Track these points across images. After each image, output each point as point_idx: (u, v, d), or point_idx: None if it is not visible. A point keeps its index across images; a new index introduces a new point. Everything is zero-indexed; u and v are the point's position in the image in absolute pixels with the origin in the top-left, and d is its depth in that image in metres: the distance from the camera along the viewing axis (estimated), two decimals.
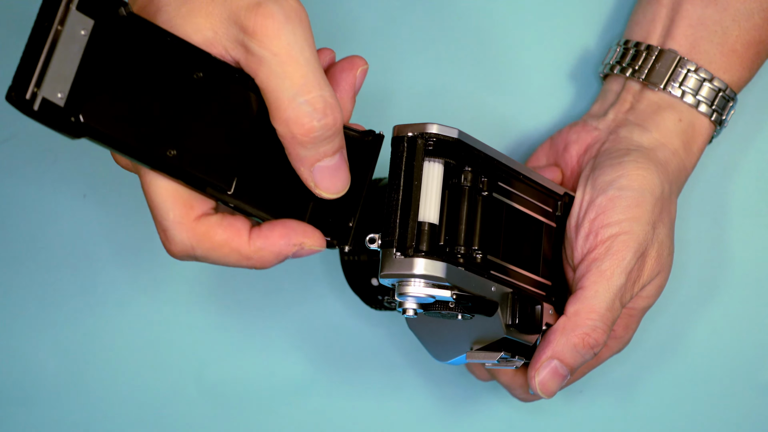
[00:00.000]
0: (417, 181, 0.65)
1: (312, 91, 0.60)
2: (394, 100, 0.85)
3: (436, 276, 0.64)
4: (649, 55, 0.77)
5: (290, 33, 0.60)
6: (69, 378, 0.86)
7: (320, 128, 0.61)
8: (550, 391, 0.70)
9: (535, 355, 0.71)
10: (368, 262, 0.75)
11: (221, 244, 0.63)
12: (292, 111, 0.61)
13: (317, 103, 0.60)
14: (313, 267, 0.85)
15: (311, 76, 0.60)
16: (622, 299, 0.71)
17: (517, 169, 0.71)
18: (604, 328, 0.70)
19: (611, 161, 0.74)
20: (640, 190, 0.72)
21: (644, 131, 0.76)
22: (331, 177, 0.63)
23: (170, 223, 0.62)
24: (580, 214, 0.73)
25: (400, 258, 0.64)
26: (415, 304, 0.66)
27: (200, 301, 0.86)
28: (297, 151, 0.62)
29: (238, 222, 0.63)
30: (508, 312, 0.68)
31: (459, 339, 0.71)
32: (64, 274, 0.86)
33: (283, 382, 0.85)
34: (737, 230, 0.83)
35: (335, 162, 0.63)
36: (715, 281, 0.83)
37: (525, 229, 0.72)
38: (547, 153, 0.80)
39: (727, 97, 0.76)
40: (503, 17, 0.85)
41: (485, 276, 0.67)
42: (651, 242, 0.72)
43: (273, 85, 0.60)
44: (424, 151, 0.66)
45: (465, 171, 0.67)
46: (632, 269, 0.71)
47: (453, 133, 0.66)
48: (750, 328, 0.83)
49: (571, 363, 0.70)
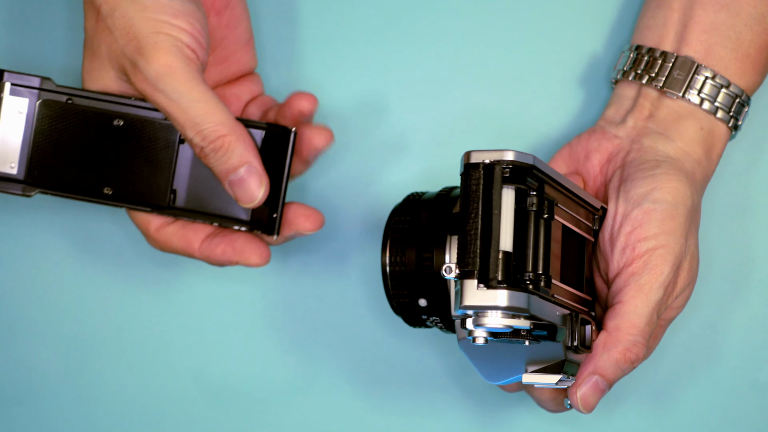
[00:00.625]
0: (497, 210, 0.65)
1: (195, 127, 0.73)
2: (401, 105, 0.85)
3: (520, 308, 0.64)
4: (666, 62, 0.77)
5: (163, 90, 0.72)
6: (69, 378, 0.86)
7: (210, 151, 0.74)
8: (590, 405, 0.70)
9: (579, 371, 0.71)
10: (415, 281, 0.74)
11: (178, 250, 0.78)
12: (189, 143, 0.74)
13: (202, 133, 0.73)
14: (313, 267, 0.85)
15: (191, 116, 0.73)
16: (659, 312, 0.71)
17: (569, 187, 0.70)
18: (644, 342, 0.70)
19: (643, 173, 0.74)
20: (673, 203, 0.72)
21: (668, 141, 0.76)
22: (240, 189, 0.75)
23: (141, 233, 0.79)
24: (615, 227, 0.73)
25: (482, 290, 0.64)
26: (486, 333, 0.66)
27: (200, 301, 0.86)
28: (212, 169, 0.75)
29: (191, 232, 0.78)
30: (569, 334, 0.68)
31: (515, 361, 0.70)
32: (64, 274, 0.85)
33: (283, 382, 0.85)
34: (757, 233, 0.83)
35: (240, 175, 0.75)
36: (711, 279, 0.83)
37: (575, 248, 0.72)
38: (567, 161, 0.79)
39: (743, 102, 0.77)
40: (509, 22, 0.85)
41: (552, 301, 0.67)
42: (684, 254, 0.72)
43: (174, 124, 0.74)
44: (502, 179, 0.65)
45: (531, 195, 0.67)
46: (669, 283, 0.71)
47: (529, 159, 0.66)
48: (746, 326, 0.84)
49: (612, 378, 0.70)
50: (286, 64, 0.85)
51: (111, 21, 0.73)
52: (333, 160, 0.85)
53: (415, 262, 0.73)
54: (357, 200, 0.85)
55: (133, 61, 0.73)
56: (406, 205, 0.76)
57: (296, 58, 0.85)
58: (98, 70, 0.75)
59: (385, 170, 0.85)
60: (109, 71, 0.75)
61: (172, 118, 0.73)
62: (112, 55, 0.74)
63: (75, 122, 0.75)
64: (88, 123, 0.75)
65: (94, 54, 0.75)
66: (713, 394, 0.84)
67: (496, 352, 0.71)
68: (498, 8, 0.85)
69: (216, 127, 0.73)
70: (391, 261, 0.74)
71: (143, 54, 0.72)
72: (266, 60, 0.85)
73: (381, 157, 0.85)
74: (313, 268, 0.85)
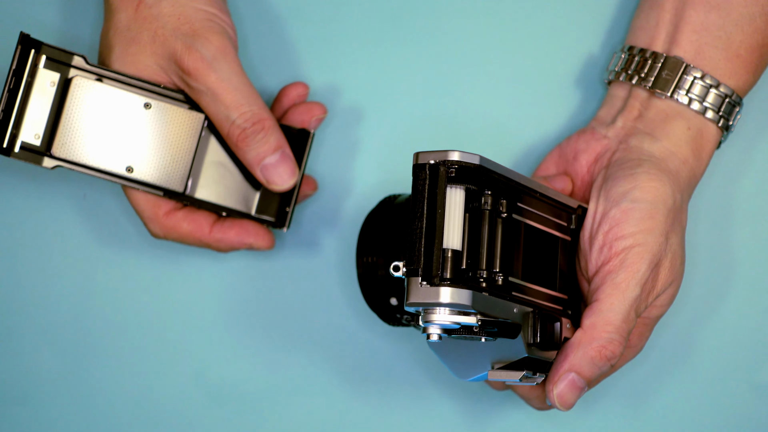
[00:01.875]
0: (441, 209, 0.66)
1: (240, 108, 0.77)
2: (396, 108, 0.85)
3: (463, 304, 0.65)
4: (655, 62, 0.77)
5: (217, 69, 0.76)
6: (69, 378, 0.86)
7: (251, 133, 0.77)
8: (568, 403, 0.71)
9: (553, 369, 0.71)
10: (386, 281, 0.76)
11: (186, 235, 0.80)
12: (229, 126, 0.77)
13: (245, 115, 0.77)
14: (312, 267, 0.85)
15: (238, 98, 0.76)
16: (637, 310, 0.71)
17: (534, 188, 0.71)
18: (620, 340, 0.70)
19: (623, 172, 0.74)
20: (653, 202, 0.72)
21: (654, 140, 0.76)
22: (275, 172, 0.78)
23: (144, 219, 0.80)
24: (594, 226, 0.73)
25: (426, 287, 0.65)
26: (439, 329, 0.66)
27: (200, 301, 0.86)
28: (243, 156, 0.78)
29: (201, 216, 0.80)
30: (530, 331, 0.69)
31: (480, 358, 0.71)
32: (65, 274, 0.86)
33: (282, 382, 0.85)
34: (744, 235, 0.83)
35: (276, 158, 0.78)
36: (710, 280, 0.83)
37: (542, 246, 0.72)
38: (557, 162, 0.80)
39: (734, 103, 0.77)
40: (506, 23, 0.85)
41: (507, 298, 0.68)
42: (665, 253, 0.72)
43: (212, 110, 0.77)
44: (446, 178, 0.66)
45: (485, 194, 0.67)
46: (647, 281, 0.71)
47: (475, 159, 0.66)
48: (745, 326, 0.84)
49: (588, 375, 0.70)
50: (282, 66, 0.85)
51: (157, 9, 0.77)
52: (324, 158, 0.85)
53: (385, 263, 0.76)
54: (348, 200, 0.85)
55: (187, 42, 0.76)
56: (381, 208, 0.78)
57: (297, 57, 0.86)
58: (134, 55, 0.77)
59: (381, 169, 0.85)
60: (149, 57, 0.77)
61: (220, 97, 0.76)
62: (158, 39, 0.77)
63: (103, 101, 0.77)
64: (117, 103, 0.77)
65: (131, 41, 0.77)
66: (695, 392, 0.84)
67: (462, 349, 0.72)
68: (495, 9, 0.85)
69: (259, 111, 0.77)
70: (364, 263, 0.78)
71: (200, 35, 0.76)
72: (262, 60, 0.85)
73: (374, 157, 0.85)
74: (295, 269, 0.86)
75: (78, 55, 0.77)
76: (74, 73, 0.77)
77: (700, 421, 0.84)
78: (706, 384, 0.84)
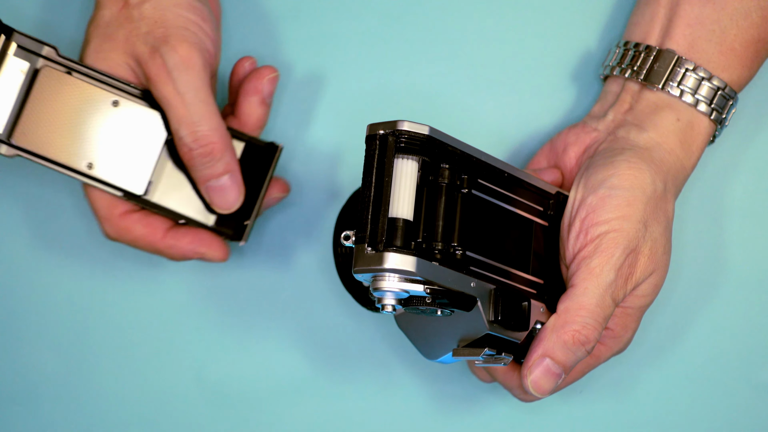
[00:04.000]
0: (388, 177, 0.66)
1: (190, 126, 0.75)
2: (392, 102, 0.85)
3: (406, 270, 0.65)
4: (648, 56, 0.77)
5: (176, 80, 0.74)
6: (69, 378, 0.86)
7: (198, 156, 0.76)
8: (543, 389, 0.71)
9: (528, 354, 0.71)
10: None
11: (139, 238, 0.79)
12: (178, 140, 0.76)
13: (194, 135, 0.75)
14: (312, 267, 0.85)
15: (191, 114, 0.75)
16: (613, 296, 0.71)
17: (499, 167, 0.71)
18: (595, 324, 0.70)
19: (604, 161, 0.74)
20: (630, 188, 0.72)
21: (641, 131, 0.76)
22: (219, 195, 0.78)
23: (99, 218, 0.79)
24: (572, 214, 0.73)
25: (371, 253, 0.65)
26: (393, 300, 0.66)
27: (200, 302, 0.86)
28: (190, 172, 0.78)
29: (157, 221, 0.79)
30: (491, 308, 0.69)
31: (446, 337, 0.71)
32: (65, 273, 0.86)
33: (282, 382, 0.85)
34: (737, 230, 0.83)
35: (222, 183, 0.78)
36: (715, 281, 0.83)
37: (513, 227, 0.72)
38: (548, 155, 0.80)
39: (727, 96, 0.76)
40: (503, 19, 0.85)
41: (464, 272, 0.68)
42: (643, 240, 0.72)
43: (168, 117, 0.76)
44: (395, 148, 0.66)
45: (442, 168, 0.68)
46: (621, 266, 0.71)
47: (424, 129, 0.67)
48: (748, 328, 0.83)
49: (562, 360, 0.70)
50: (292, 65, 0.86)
51: (139, 10, 0.76)
52: (310, 151, 0.85)
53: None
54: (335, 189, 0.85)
55: (155, 46, 0.75)
56: (353, 199, 0.79)
57: (302, 56, 0.86)
58: (108, 51, 0.77)
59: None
60: (121, 55, 0.76)
61: (171, 111, 0.75)
62: (130, 39, 0.76)
63: (71, 94, 0.76)
64: (84, 97, 0.76)
65: (107, 38, 0.77)
66: (676, 386, 0.83)
67: (429, 329, 0.72)
68: (492, 4, 0.85)
69: (209, 132, 0.76)
70: (339, 252, 0.78)
71: (169, 41, 0.75)
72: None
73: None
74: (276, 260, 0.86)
75: (49, 46, 0.76)
76: (43, 64, 0.76)
77: (685, 414, 0.83)
78: (693, 377, 0.83)
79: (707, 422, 0.83)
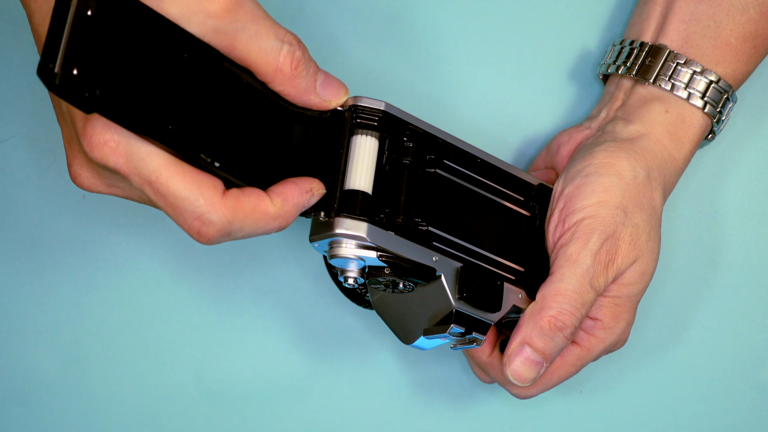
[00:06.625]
0: (343, 149, 0.68)
1: (286, 34, 0.66)
2: (391, 100, 0.85)
3: (357, 235, 0.66)
4: (641, 52, 0.77)
5: (244, 3, 0.64)
6: (69, 378, 0.86)
7: (302, 54, 0.67)
8: (523, 378, 0.71)
9: (508, 344, 0.71)
10: None
11: (252, 210, 0.65)
12: (280, 55, 0.66)
13: (292, 39, 0.66)
14: (312, 268, 0.85)
15: (274, 24, 0.65)
16: (592, 282, 0.71)
17: (471, 152, 0.72)
18: (572, 310, 0.70)
19: (584, 153, 0.75)
20: (606, 175, 0.73)
21: (628, 124, 0.76)
22: (331, 86, 0.69)
23: (204, 207, 0.64)
24: (552, 206, 0.74)
25: (323, 219, 0.67)
26: (354, 272, 0.67)
27: (200, 301, 0.86)
28: (299, 85, 0.67)
29: (254, 191, 0.66)
30: (457, 284, 0.69)
31: (418, 319, 0.71)
32: (64, 274, 0.86)
33: (282, 381, 0.85)
34: (734, 229, 0.83)
35: (325, 76, 0.69)
36: (714, 280, 0.83)
37: (487, 213, 0.73)
38: (544, 157, 0.81)
39: (721, 90, 0.76)
40: (504, 18, 0.85)
41: (425, 245, 0.68)
42: (623, 226, 0.72)
43: (255, 47, 0.65)
44: (350, 123, 0.68)
45: (405, 146, 0.69)
46: (598, 251, 0.71)
47: (380, 105, 0.69)
48: (746, 326, 0.83)
49: (541, 347, 0.70)
50: None
51: None
52: None
53: None
54: None
55: None
56: None
57: None
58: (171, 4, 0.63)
59: None
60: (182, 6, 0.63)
61: (261, 28, 0.65)
62: None
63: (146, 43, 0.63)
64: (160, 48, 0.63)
65: None
66: (675, 384, 0.83)
67: (401, 309, 0.72)
68: (492, 4, 0.85)
69: (294, 35, 0.68)
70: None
71: None
72: None
73: None
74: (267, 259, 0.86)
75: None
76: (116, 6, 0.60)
77: (684, 412, 0.83)
78: (691, 375, 0.83)
79: (706, 421, 0.83)
